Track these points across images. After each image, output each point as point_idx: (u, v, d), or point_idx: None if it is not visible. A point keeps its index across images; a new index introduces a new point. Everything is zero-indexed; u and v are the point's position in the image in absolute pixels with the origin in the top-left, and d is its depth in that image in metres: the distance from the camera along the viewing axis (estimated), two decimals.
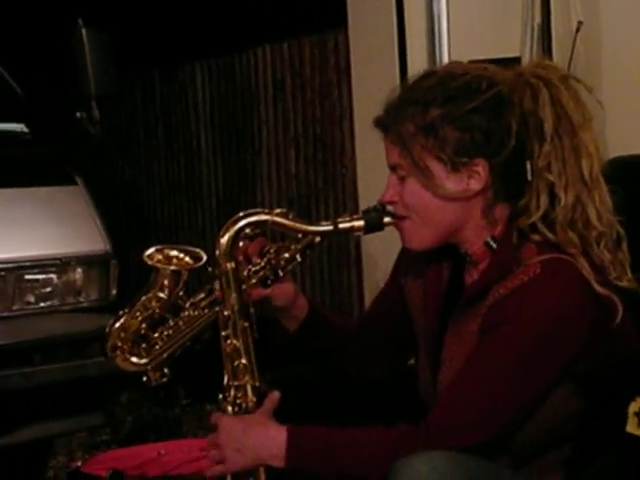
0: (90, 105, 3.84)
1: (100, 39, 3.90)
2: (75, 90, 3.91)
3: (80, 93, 3.87)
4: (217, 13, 5.87)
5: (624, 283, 1.81)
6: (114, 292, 3.76)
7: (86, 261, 3.69)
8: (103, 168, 6.30)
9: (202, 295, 1.98)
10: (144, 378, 2.00)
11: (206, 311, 1.97)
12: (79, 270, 3.68)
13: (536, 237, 1.80)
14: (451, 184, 1.82)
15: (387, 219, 1.89)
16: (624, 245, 1.83)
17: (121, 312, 1.99)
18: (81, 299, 3.71)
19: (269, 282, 1.97)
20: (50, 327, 3.57)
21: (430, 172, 1.81)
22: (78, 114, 3.87)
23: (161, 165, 6.16)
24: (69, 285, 3.66)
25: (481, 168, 1.80)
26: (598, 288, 1.75)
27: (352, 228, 1.91)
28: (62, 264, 3.65)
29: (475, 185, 1.81)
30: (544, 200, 1.80)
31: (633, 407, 1.67)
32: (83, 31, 3.83)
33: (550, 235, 1.79)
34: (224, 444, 1.83)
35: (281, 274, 1.97)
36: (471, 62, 1.99)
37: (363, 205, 2.01)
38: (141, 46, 5.83)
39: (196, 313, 1.98)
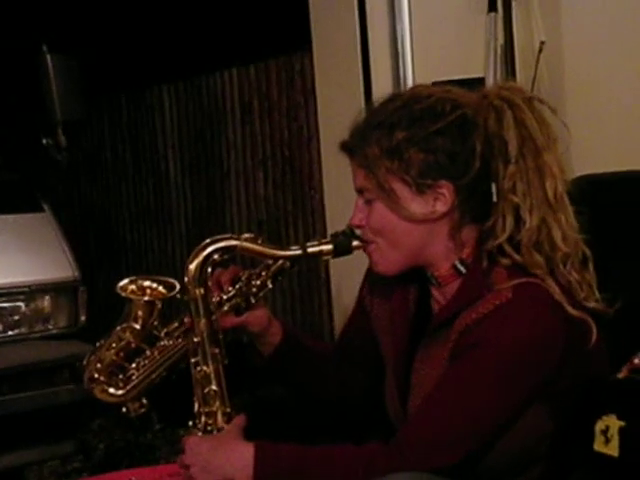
0: (56, 131, 3.84)
1: (66, 65, 3.89)
2: (41, 116, 3.90)
3: (46, 119, 3.86)
4: (184, 36, 5.87)
5: (591, 304, 1.82)
6: (83, 318, 3.75)
7: (54, 288, 3.68)
8: (71, 193, 6.29)
9: (176, 324, 1.99)
10: (123, 409, 2.00)
11: (180, 340, 1.97)
12: (47, 297, 3.67)
13: (505, 260, 1.80)
14: (417, 206, 1.82)
15: (356, 243, 1.90)
16: (590, 265, 1.84)
17: (97, 344, 2.00)
18: (50, 326, 3.70)
19: (241, 310, 1.99)
20: (19, 355, 3.56)
21: (395, 194, 1.82)
22: (44, 140, 3.86)
23: (129, 189, 6.15)
24: (38, 313, 3.65)
25: (446, 190, 1.81)
26: (572, 310, 1.76)
27: (321, 252, 1.91)
28: (30, 292, 3.64)
29: (441, 207, 1.82)
30: (510, 222, 1.80)
31: (600, 425, 1.68)
32: (48, 57, 3.82)
33: (517, 257, 1.80)
34: (191, 463, 1.82)
35: (253, 301, 1.99)
36: (435, 83, 2.01)
37: (331, 227, 2.02)
38: (108, 70, 5.82)
39: (171, 343, 1.98)
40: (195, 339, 1.91)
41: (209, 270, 1.92)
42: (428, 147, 1.80)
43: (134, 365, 1.98)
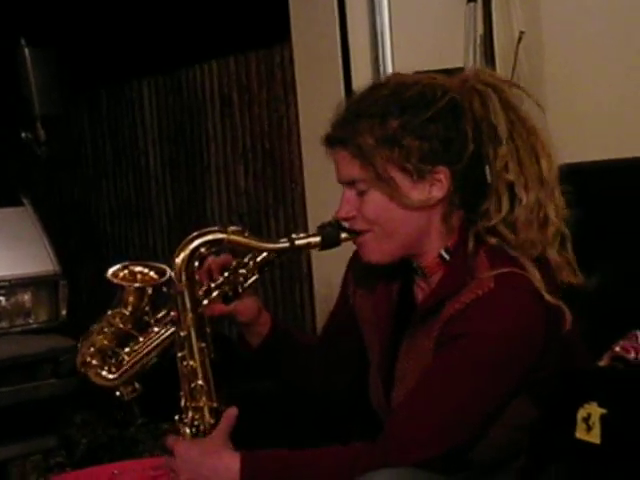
0: (35, 125, 3.82)
1: (44, 58, 3.87)
2: (20, 110, 3.88)
3: (25, 113, 3.84)
4: (163, 29, 5.85)
5: (573, 280, 1.83)
6: (64, 313, 3.74)
7: (35, 282, 3.67)
8: (51, 187, 6.26)
9: (165, 311, 1.99)
10: (117, 393, 2.01)
11: (169, 327, 1.97)
12: (28, 292, 3.66)
13: (493, 240, 1.80)
14: (415, 194, 1.81)
15: (344, 234, 1.89)
16: (569, 245, 1.85)
17: (90, 328, 2.01)
18: (30, 321, 3.69)
19: (230, 299, 1.98)
20: (0, 350, 3.54)
21: (395, 183, 1.80)
22: (23, 134, 3.84)
23: (110, 183, 6.13)
24: (18, 307, 3.64)
25: (443, 176, 1.81)
26: (548, 298, 1.76)
27: (309, 244, 1.90)
28: (10, 286, 3.63)
29: (437, 193, 1.82)
30: (505, 202, 1.81)
31: (582, 413, 1.68)
32: (26, 50, 3.81)
33: (511, 236, 1.80)
34: (179, 471, 1.82)
35: (240, 290, 1.98)
36: (415, 73, 2.00)
37: (312, 219, 2.01)
38: (87, 64, 5.80)
39: (161, 329, 1.98)
40: (182, 333, 1.90)
41: (196, 264, 1.91)
42: (423, 134, 1.79)
43: (126, 350, 1.98)
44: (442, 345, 1.77)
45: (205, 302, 1.94)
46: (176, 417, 1.93)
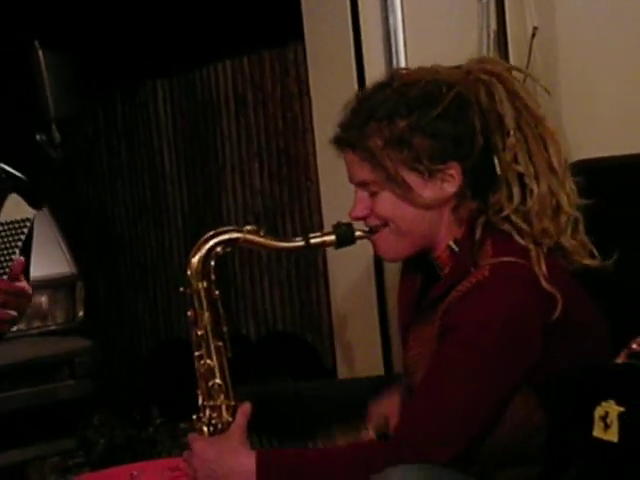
0: (50, 128, 3.82)
1: (59, 61, 3.88)
2: (35, 113, 3.89)
3: (39, 116, 3.85)
4: (176, 30, 5.86)
5: (588, 261, 1.83)
6: (81, 314, 3.75)
7: (52, 285, 3.68)
8: (67, 189, 6.28)
9: None
10: None
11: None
12: (45, 294, 3.67)
13: (506, 226, 1.80)
14: (427, 192, 1.82)
15: (358, 233, 1.90)
16: (581, 226, 1.86)
17: None
18: (48, 323, 3.70)
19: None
20: (18, 352, 3.56)
21: (407, 184, 1.81)
22: (38, 137, 3.85)
23: (125, 184, 6.13)
24: (35, 309, 3.65)
25: (454, 171, 1.82)
26: (546, 286, 1.75)
27: (324, 243, 1.91)
28: None
29: (449, 189, 1.83)
30: (517, 192, 1.81)
31: (599, 411, 1.68)
32: (40, 53, 3.82)
33: (525, 227, 1.80)
34: (197, 468, 1.84)
35: None
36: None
37: (327, 218, 2.01)
38: (101, 66, 5.81)
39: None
40: (199, 332, 1.92)
41: (212, 263, 1.91)
42: (432, 132, 1.80)
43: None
44: (442, 336, 1.78)
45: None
46: (194, 416, 1.94)
